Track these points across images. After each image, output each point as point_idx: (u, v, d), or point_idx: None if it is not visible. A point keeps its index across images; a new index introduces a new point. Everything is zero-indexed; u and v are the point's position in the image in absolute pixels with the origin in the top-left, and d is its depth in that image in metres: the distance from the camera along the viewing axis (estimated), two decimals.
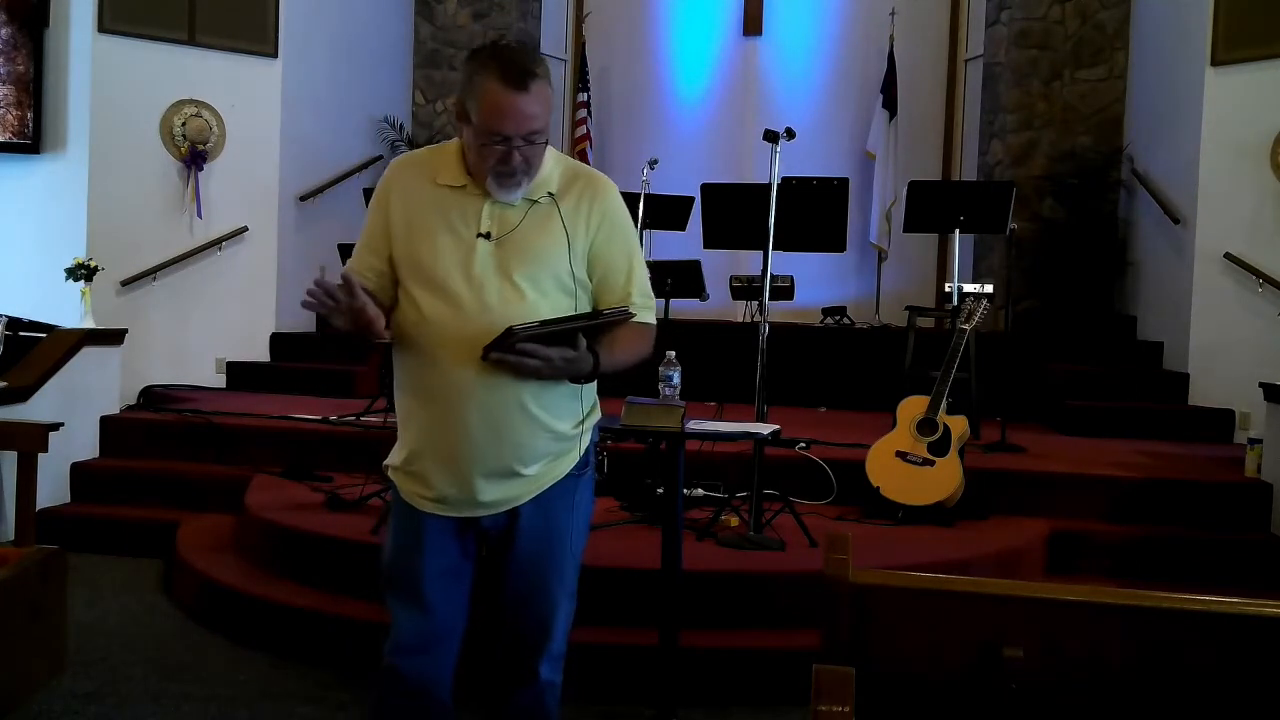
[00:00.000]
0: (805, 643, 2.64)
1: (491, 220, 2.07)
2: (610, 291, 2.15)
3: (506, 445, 2.08)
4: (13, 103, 6.42)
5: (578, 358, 2.02)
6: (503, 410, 2.06)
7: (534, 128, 1.99)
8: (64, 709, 3.26)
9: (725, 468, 4.69)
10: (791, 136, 4.25)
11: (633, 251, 2.18)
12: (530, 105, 1.98)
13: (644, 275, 2.21)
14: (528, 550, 2.16)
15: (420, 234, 2.10)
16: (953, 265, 5.93)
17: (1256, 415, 5.35)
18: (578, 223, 2.10)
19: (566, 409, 2.14)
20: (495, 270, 2.05)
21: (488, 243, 2.06)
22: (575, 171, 2.16)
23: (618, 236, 2.15)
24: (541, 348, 1.96)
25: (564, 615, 2.23)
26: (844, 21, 8.88)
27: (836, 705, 1.44)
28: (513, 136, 1.98)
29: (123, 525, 5.05)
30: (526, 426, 2.08)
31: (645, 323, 2.19)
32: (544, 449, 2.13)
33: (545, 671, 2.21)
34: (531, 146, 2.01)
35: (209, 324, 6.96)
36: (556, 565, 2.19)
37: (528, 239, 2.07)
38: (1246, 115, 6.16)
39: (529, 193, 2.08)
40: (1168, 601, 1.54)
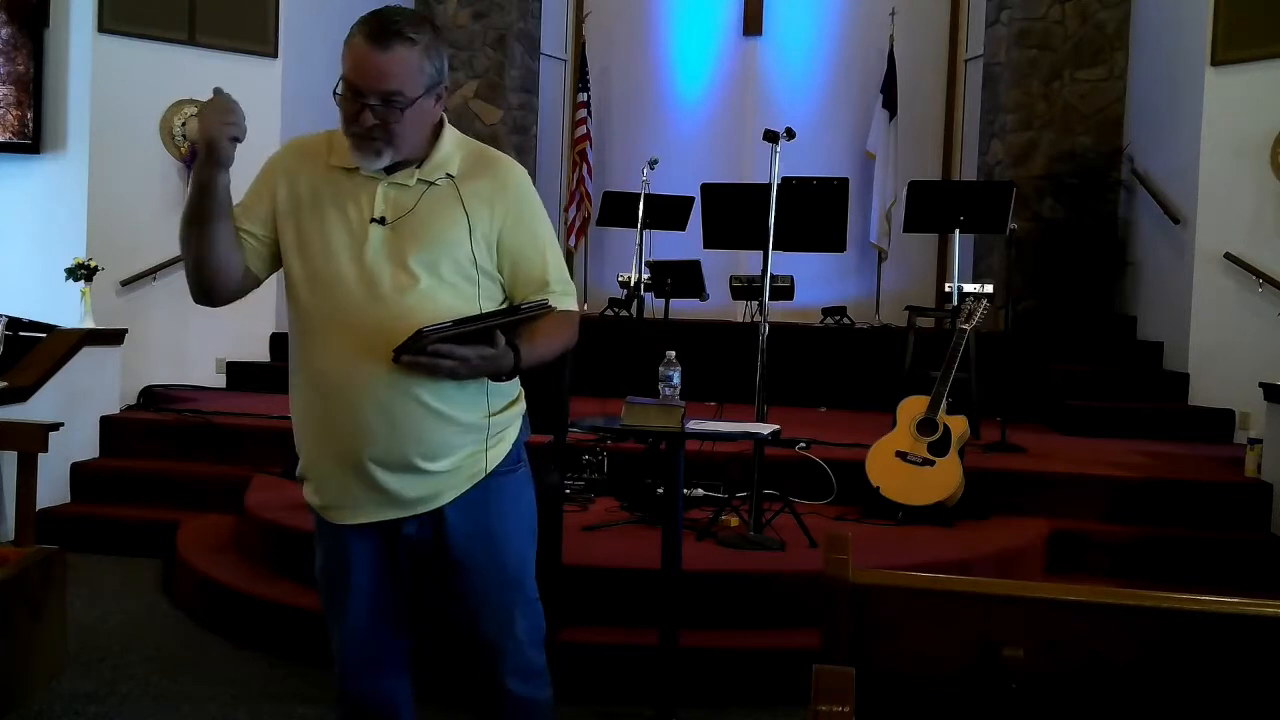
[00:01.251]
0: (805, 643, 2.64)
1: (386, 203, 1.94)
2: (526, 282, 2.02)
3: (406, 439, 1.94)
4: (13, 103, 6.42)
5: (496, 355, 1.88)
6: (399, 404, 1.92)
7: (388, 88, 1.86)
8: (64, 709, 3.26)
9: (725, 468, 4.70)
10: (791, 136, 4.26)
11: (545, 237, 2.05)
12: (387, 63, 1.86)
13: (560, 260, 2.08)
14: (461, 558, 2.03)
15: (308, 219, 1.99)
16: (953, 265, 5.93)
17: (1256, 415, 5.35)
18: (480, 207, 1.96)
19: (464, 398, 1.98)
20: (389, 257, 1.92)
21: (382, 228, 1.93)
22: (480, 154, 2.04)
23: (526, 221, 2.01)
24: (457, 348, 1.83)
25: (522, 625, 2.08)
26: (844, 21, 8.88)
27: (836, 705, 1.44)
28: (365, 93, 1.87)
29: (123, 525, 5.05)
30: (425, 419, 1.94)
31: (567, 310, 2.06)
32: (450, 442, 1.98)
33: (514, 686, 2.08)
34: (388, 109, 1.87)
35: (209, 324, 6.94)
36: (498, 572, 2.05)
37: (424, 222, 1.94)
38: (1246, 115, 6.16)
39: (424, 174, 1.96)
40: (1168, 601, 1.54)
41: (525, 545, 2.12)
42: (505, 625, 2.07)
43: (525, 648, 2.10)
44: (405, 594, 2.09)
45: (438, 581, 2.07)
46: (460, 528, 2.02)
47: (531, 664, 2.11)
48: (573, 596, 3.44)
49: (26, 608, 3.31)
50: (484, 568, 2.04)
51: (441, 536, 2.02)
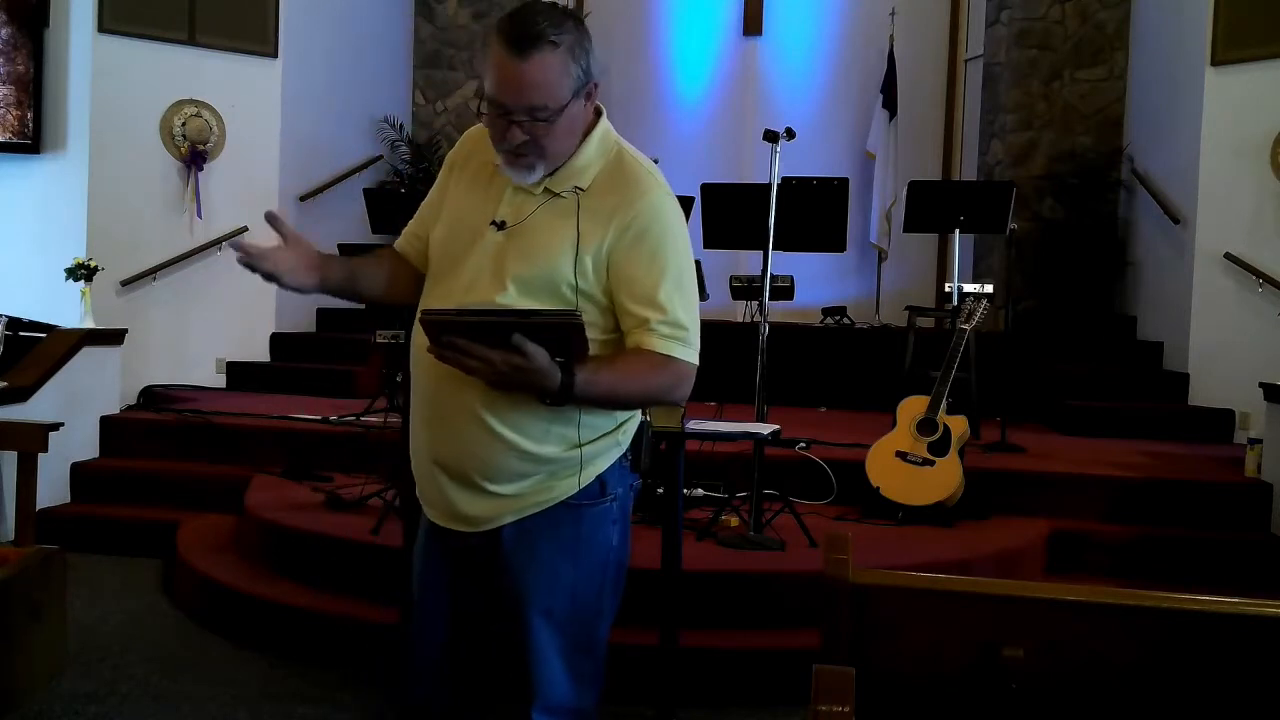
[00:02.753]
0: (805, 643, 2.63)
1: (510, 208, 1.85)
2: (627, 312, 1.82)
3: (465, 455, 1.83)
4: (13, 103, 6.42)
5: (531, 369, 1.69)
6: (458, 415, 1.81)
7: (534, 101, 1.74)
8: (64, 709, 3.26)
9: (725, 468, 4.69)
10: (791, 136, 4.26)
11: (666, 267, 1.81)
12: (530, 73, 1.73)
13: (684, 299, 1.84)
14: (507, 581, 1.88)
15: (451, 206, 1.94)
16: (953, 265, 5.93)
17: (1256, 415, 5.35)
18: (596, 225, 1.80)
19: (543, 430, 1.82)
20: (492, 262, 1.83)
21: (499, 232, 1.83)
22: (620, 168, 1.87)
23: (646, 247, 1.81)
24: (478, 346, 1.68)
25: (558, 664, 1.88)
26: (844, 21, 8.88)
27: (836, 705, 1.44)
28: (511, 109, 1.76)
29: (123, 525, 5.05)
30: (485, 439, 1.81)
31: (668, 355, 1.82)
32: (515, 469, 1.83)
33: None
34: (536, 124, 1.76)
35: (209, 324, 6.96)
36: (539, 605, 1.86)
37: (535, 234, 1.82)
38: (1246, 115, 6.15)
39: (553, 183, 1.83)
40: (1168, 601, 1.54)
41: (586, 584, 1.90)
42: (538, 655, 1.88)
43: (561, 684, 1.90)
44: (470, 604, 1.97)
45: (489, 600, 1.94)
46: (514, 551, 1.87)
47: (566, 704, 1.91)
48: None
49: (26, 608, 3.31)
50: (524, 591, 1.87)
51: (495, 556, 1.89)
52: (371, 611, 3.67)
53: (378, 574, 3.77)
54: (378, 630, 3.54)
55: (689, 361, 1.86)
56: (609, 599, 1.95)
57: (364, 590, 3.82)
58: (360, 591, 3.83)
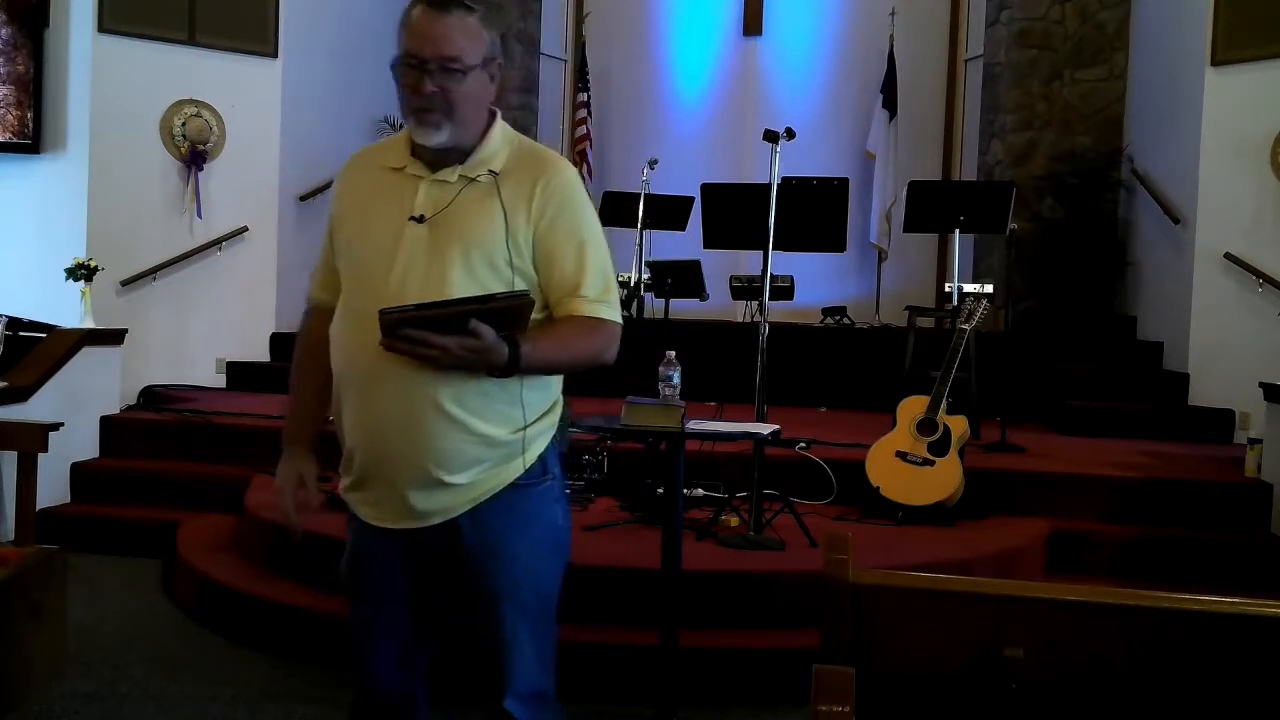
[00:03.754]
0: (805, 643, 2.63)
1: (427, 201, 1.91)
2: (558, 285, 1.93)
3: (424, 449, 1.88)
4: (13, 103, 6.42)
5: (482, 347, 1.77)
6: (413, 403, 1.86)
7: (449, 52, 1.85)
8: (64, 709, 3.26)
9: (725, 468, 4.69)
10: (791, 136, 4.25)
11: (585, 238, 1.94)
12: (447, 28, 1.86)
13: (602, 267, 1.96)
14: (472, 571, 1.96)
15: (352, 219, 1.99)
16: (953, 265, 5.93)
17: (1256, 415, 5.35)
18: (519, 204, 1.90)
19: (498, 412, 1.91)
20: (425, 254, 1.89)
21: (420, 225, 1.90)
22: (528, 151, 1.98)
23: (565, 221, 1.92)
24: (433, 335, 1.75)
25: (529, 646, 1.98)
26: (844, 21, 8.88)
27: (836, 705, 1.44)
28: (426, 59, 1.86)
29: (123, 525, 5.05)
30: (446, 429, 1.87)
31: (597, 318, 1.94)
32: (472, 455, 1.90)
33: (513, 708, 1.97)
34: (448, 75, 1.85)
35: (209, 324, 6.96)
36: (505, 590, 1.95)
37: (461, 219, 1.89)
38: (1246, 115, 6.16)
39: (467, 170, 1.92)
40: (1168, 601, 1.54)
41: (543, 563, 2.01)
42: (506, 646, 1.97)
43: (531, 670, 2.00)
44: (424, 598, 2.06)
45: (449, 590, 2.03)
46: (473, 540, 1.95)
47: (535, 688, 2.01)
48: (573, 596, 3.42)
49: (26, 608, 3.30)
50: (493, 583, 1.96)
51: (454, 547, 1.96)
52: None
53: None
54: None
55: (617, 321, 1.99)
56: (558, 578, 2.06)
57: None
58: None
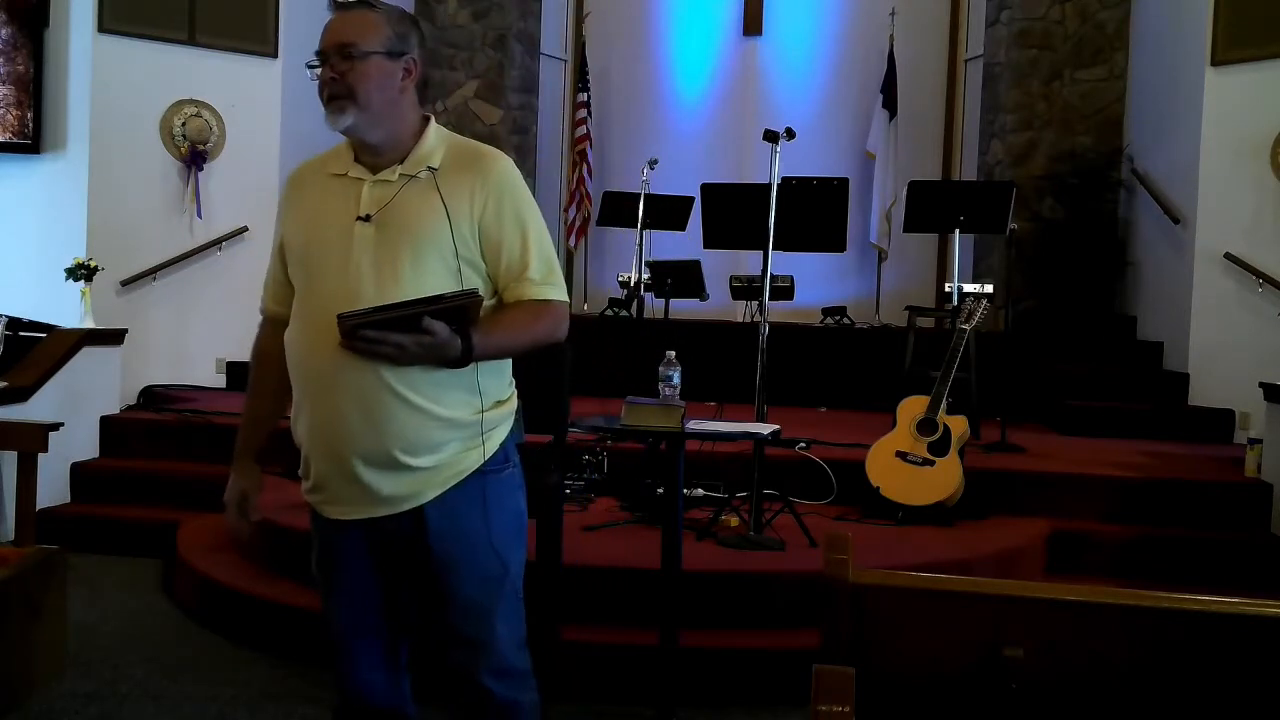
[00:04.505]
0: (805, 643, 2.64)
1: (370, 200, 1.99)
2: (505, 271, 2.02)
3: (383, 432, 1.95)
4: (13, 103, 6.42)
5: (436, 343, 1.87)
6: (372, 393, 1.93)
7: (342, 39, 1.96)
8: (64, 709, 3.26)
9: (725, 468, 4.69)
10: (791, 136, 4.25)
11: (528, 225, 2.02)
12: (343, 21, 1.98)
13: (545, 250, 2.04)
14: (440, 557, 2.02)
15: (302, 228, 2.06)
16: (953, 265, 5.93)
17: (1256, 415, 5.35)
18: (459, 197, 1.97)
19: (455, 397, 1.98)
20: (373, 252, 1.96)
21: (367, 225, 1.97)
22: (464, 147, 2.06)
23: (507, 210, 2.00)
24: (389, 334, 1.85)
25: (501, 626, 2.06)
26: (844, 21, 8.88)
27: (836, 705, 1.44)
28: (326, 51, 1.97)
29: (123, 525, 5.05)
30: (402, 411, 1.94)
31: (544, 299, 2.03)
32: (432, 437, 1.97)
33: (492, 685, 2.06)
34: (344, 60, 1.95)
35: (209, 324, 6.96)
36: (473, 573, 2.03)
37: (405, 216, 1.97)
38: (1246, 115, 6.16)
39: (406, 169, 1.99)
40: (1168, 601, 1.54)
41: (508, 547, 2.08)
42: (483, 625, 2.05)
43: (504, 648, 2.08)
44: (396, 590, 2.10)
45: (419, 579, 2.07)
46: (440, 527, 2.01)
47: (511, 665, 2.09)
48: (573, 596, 3.44)
49: (26, 608, 3.30)
50: (462, 568, 2.03)
51: (421, 534, 2.01)
52: None
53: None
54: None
55: (563, 301, 2.08)
56: (522, 562, 2.14)
57: None
58: None
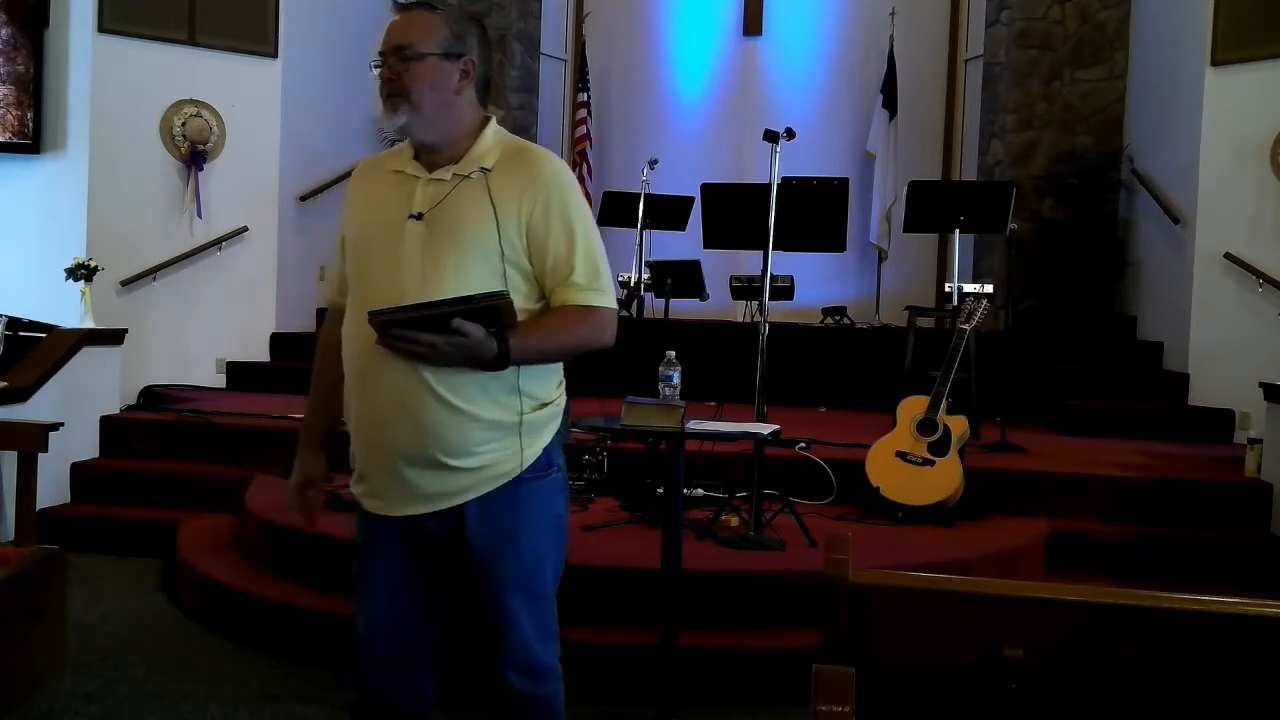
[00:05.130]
0: (805, 643, 2.64)
1: (423, 199, 2.02)
2: (550, 274, 2.02)
3: (423, 432, 1.97)
4: (13, 103, 6.42)
5: (469, 344, 1.89)
6: (413, 393, 1.96)
7: (400, 41, 2.01)
8: (64, 709, 3.26)
9: (725, 468, 4.69)
10: (791, 136, 4.25)
11: (575, 229, 2.02)
12: (403, 23, 2.03)
13: (592, 255, 2.04)
14: (476, 557, 2.06)
15: (358, 219, 2.11)
16: (953, 265, 5.93)
17: (1256, 415, 5.35)
18: (508, 199, 1.99)
19: (495, 400, 2.00)
20: (421, 251, 1.98)
21: (418, 223, 2.00)
22: (518, 149, 2.08)
23: (555, 214, 2.01)
24: (420, 333, 1.87)
25: (529, 622, 2.09)
26: (844, 21, 8.88)
27: (836, 705, 1.44)
28: (385, 52, 2.02)
29: (123, 525, 5.05)
30: (441, 412, 1.96)
31: (588, 305, 2.03)
32: (472, 438, 1.99)
33: (515, 680, 2.10)
34: (403, 63, 1.99)
35: (209, 324, 6.96)
36: (510, 571, 2.07)
37: (454, 216, 1.99)
38: (1246, 115, 6.15)
39: (460, 169, 2.02)
40: (1168, 601, 1.54)
41: (543, 548, 2.11)
42: (511, 621, 2.08)
43: (530, 644, 2.10)
44: (429, 590, 2.14)
45: (454, 576, 2.11)
46: (479, 528, 2.04)
47: (536, 661, 2.11)
48: (573, 596, 3.42)
49: (26, 608, 3.30)
50: (496, 567, 2.06)
51: (460, 532, 2.05)
52: None
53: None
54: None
55: (608, 307, 2.07)
56: (560, 564, 2.18)
57: None
58: None
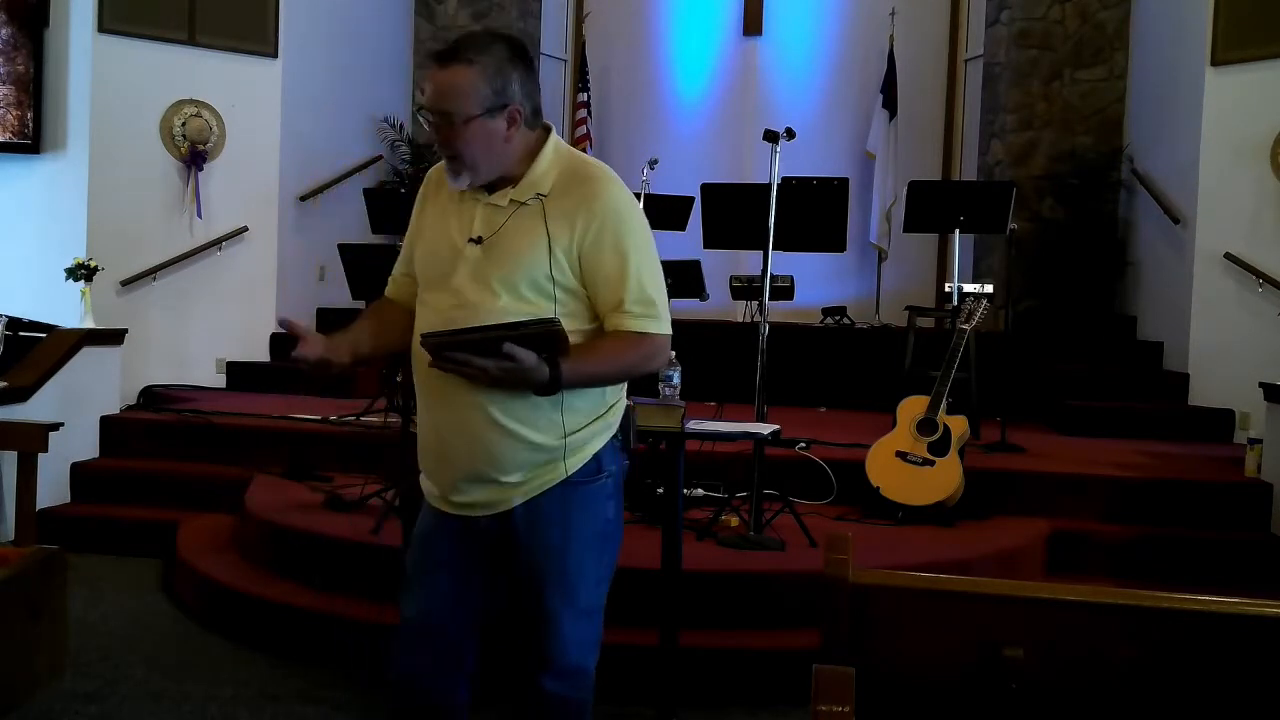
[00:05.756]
0: (805, 643, 2.64)
1: (482, 223, 2.05)
2: (603, 300, 2.04)
3: (479, 452, 2.03)
4: (13, 103, 6.42)
5: (520, 369, 1.90)
6: (471, 416, 2.02)
7: (444, 107, 1.98)
8: (64, 709, 3.26)
9: (725, 468, 4.69)
10: (791, 136, 4.26)
11: (629, 253, 2.02)
12: (443, 84, 1.98)
13: (647, 280, 2.05)
14: (523, 556, 2.10)
15: (425, 235, 2.15)
16: (953, 265, 5.92)
17: (1256, 415, 5.35)
18: (562, 225, 2.00)
19: (546, 419, 2.03)
20: (477, 275, 2.02)
21: (476, 247, 2.03)
22: (576, 171, 2.07)
23: (609, 239, 2.01)
24: (472, 357, 1.90)
25: (569, 630, 2.12)
26: (844, 21, 8.88)
27: (836, 705, 1.44)
28: (431, 111, 2.00)
29: (123, 525, 5.05)
30: (497, 436, 2.02)
31: (640, 332, 2.04)
32: (523, 459, 2.04)
33: (551, 686, 2.13)
34: (450, 128, 1.98)
35: (209, 324, 6.96)
36: (552, 577, 2.10)
37: (510, 241, 2.02)
38: (1246, 115, 6.15)
39: (517, 194, 2.03)
40: (1168, 601, 1.54)
41: (588, 555, 2.13)
42: (552, 623, 2.11)
43: (569, 648, 2.12)
44: (473, 590, 2.17)
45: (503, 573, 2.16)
46: (525, 527, 2.09)
47: (572, 663, 2.14)
48: None
49: (26, 608, 3.30)
50: (539, 570, 2.10)
51: (510, 533, 2.10)
52: (371, 611, 3.67)
53: (378, 574, 3.77)
54: (378, 630, 3.53)
55: (662, 334, 2.08)
56: (607, 567, 2.18)
57: (364, 590, 3.82)
58: (360, 591, 3.82)
